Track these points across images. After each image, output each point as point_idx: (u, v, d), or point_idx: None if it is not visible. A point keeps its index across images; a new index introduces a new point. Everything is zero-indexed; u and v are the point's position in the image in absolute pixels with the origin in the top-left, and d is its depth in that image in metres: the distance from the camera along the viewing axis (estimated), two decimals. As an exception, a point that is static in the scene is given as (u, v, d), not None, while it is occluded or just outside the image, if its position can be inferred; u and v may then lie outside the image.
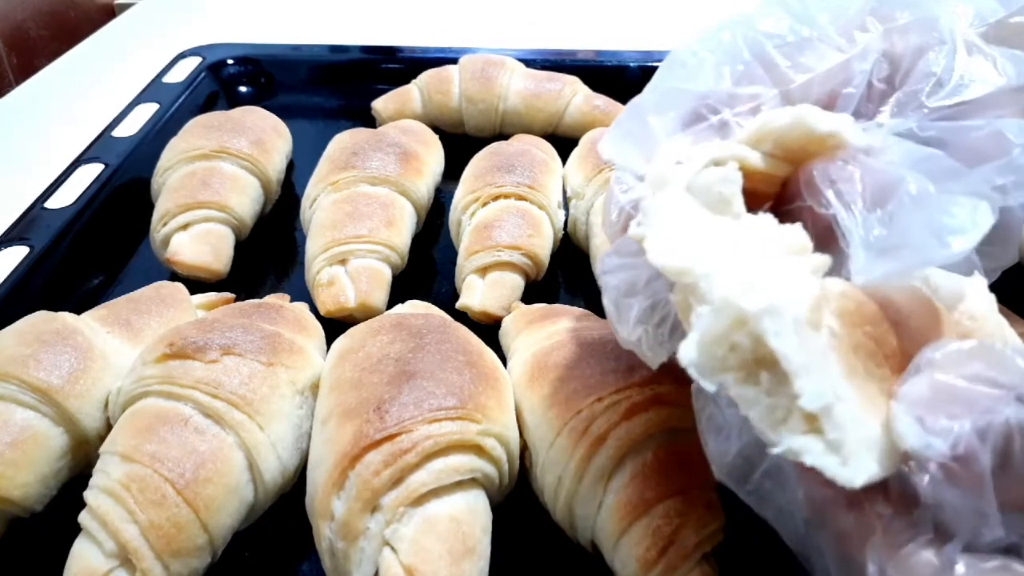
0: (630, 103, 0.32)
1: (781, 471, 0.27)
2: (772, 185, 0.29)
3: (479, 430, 0.38)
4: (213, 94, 0.88)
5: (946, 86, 0.29)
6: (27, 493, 0.40)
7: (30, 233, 0.60)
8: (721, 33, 0.31)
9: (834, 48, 0.30)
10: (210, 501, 0.37)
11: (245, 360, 0.42)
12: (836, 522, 0.24)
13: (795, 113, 0.27)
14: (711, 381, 0.23)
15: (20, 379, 0.41)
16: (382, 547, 0.35)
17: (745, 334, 0.22)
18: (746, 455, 0.27)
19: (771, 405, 0.23)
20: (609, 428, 0.38)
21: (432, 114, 0.80)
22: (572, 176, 0.65)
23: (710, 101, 0.30)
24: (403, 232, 0.60)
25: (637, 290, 0.31)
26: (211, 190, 0.61)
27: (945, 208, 0.24)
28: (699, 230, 0.25)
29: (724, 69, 0.30)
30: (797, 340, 0.22)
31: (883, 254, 0.24)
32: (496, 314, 0.54)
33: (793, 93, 0.30)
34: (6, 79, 1.11)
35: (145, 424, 0.39)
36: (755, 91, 0.30)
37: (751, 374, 0.23)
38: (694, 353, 0.23)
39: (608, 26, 1.12)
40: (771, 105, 0.30)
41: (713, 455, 0.29)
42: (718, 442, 0.28)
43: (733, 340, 0.23)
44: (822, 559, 0.26)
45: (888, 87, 0.30)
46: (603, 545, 0.38)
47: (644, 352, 0.31)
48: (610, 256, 0.32)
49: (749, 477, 0.28)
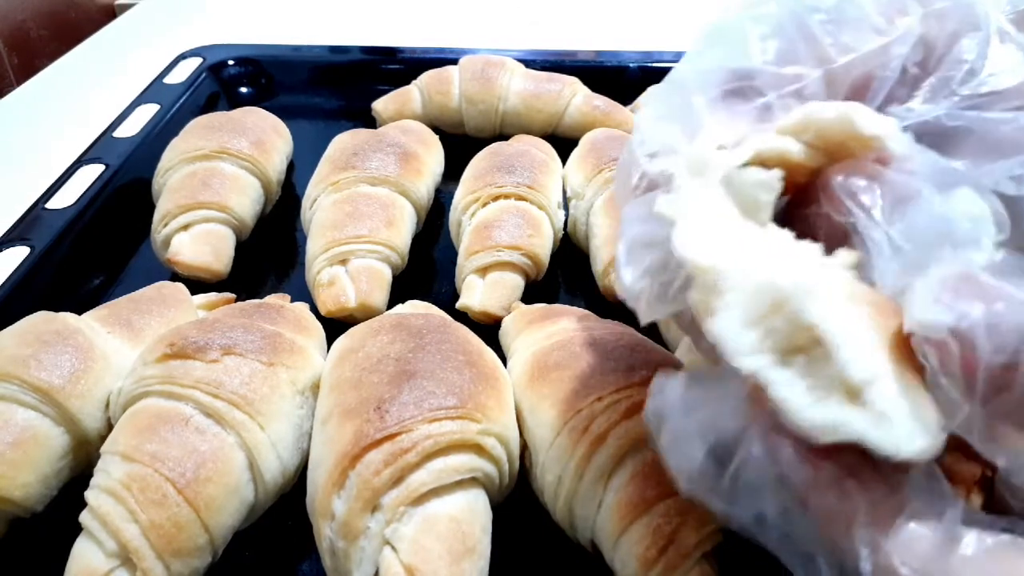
0: (670, 77, 0.31)
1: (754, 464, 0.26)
2: (802, 176, 0.29)
3: (479, 430, 0.38)
4: (214, 95, 0.88)
5: (978, 75, 0.29)
6: (28, 493, 0.40)
7: (31, 233, 0.60)
8: (767, 3, 0.31)
9: (873, 30, 0.30)
10: (211, 501, 0.37)
11: (246, 360, 0.42)
12: (819, 506, 0.24)
13: (842, 110, 0.27)
14: (745, 364, 0.23)
15: (21, 379, 0.41)
16: (382, 546, 0.35)
17: (782, 317, 0.22)
18: (717, 455, 0.27)
19: (809, 386, 0.22)
20: (609, 427, 0.38)
21: (432, 115, 0.80)
22: (572, 176, 0.66)
23: (755, 82, 0.30)
24: (403, 232, 0.60)
25: (655, 243, 0.30)
26: (212, 190, 0.61)
27: (949, 218, 0.24)
28: (728, 231, 0.25)
29: (769, 44, 0.30)
30: (839, 313, 0.22)
31: (909, 266, 0.24)
32: (496, 314, 0.55)
33: (835, 73, 0.30)
34: (6, 79, 1.11)
35: (146, 424, 0.39)
36: (798, 71, 0.29)
37: (785, 358, 0.23)
38: (727, 335, 0.23)
39: (608, 26, 1.12)
40: (814, 87, 0.29)
41: (678, 469, 0.28)
42: (681, 454, 0.28)
43: (769, 324, 0.23)
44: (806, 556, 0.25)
45: (921, 72, 0.30)
46: (603, 544, 0.38)
47: (641, 305, 0.30)
48: (635, 206, 0.31)
49: (720, 479, 0.27)
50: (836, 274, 0.23)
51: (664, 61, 0.90)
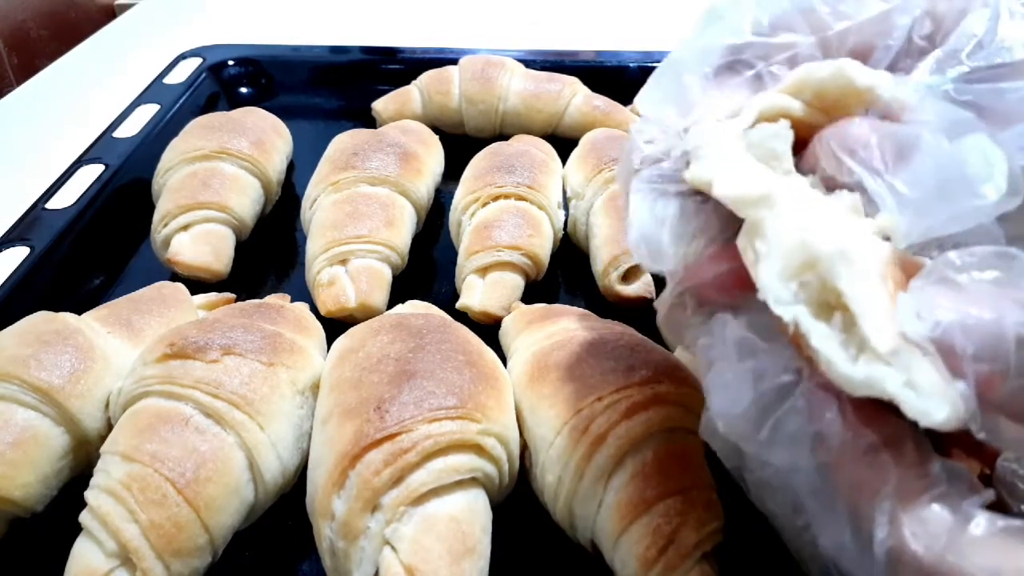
0: (666, 59, 0.32)
1: (796, 417, 0.26)
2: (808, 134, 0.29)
3: (479, 429, 0.38)
4: (214, 95, 0.88)
5: (987, 48, 0.29)
6: (28, 493, 0.40)
7: (31, 234, 0.60)
8: None
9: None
10: (211, 501, 0.37)
11: (246, 360, 0.42)
12: (851, 470, 0.24)
13: (836, 65, 0.27)
14: (785, 312, 0.24)
15: (21, 379, 0.41)
16: (382, 546, 0.35)
17: (814, 275, 0.23)
18: (762, 404, 0.27)
19: (845, 341, 0.23)
20: (609, 427, 0.38)
21: (432, 115, 0.80)
22: (572, 176, 0.66)
23: (745, 55, 0.30)
24: (403, 232, 0.60)
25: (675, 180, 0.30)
26: (212, 191, 0.61)
27: (961, 159, 0.24)
28: (763, 175, 0.26)
29: (762, 16, 0.30)
30: (865, 285, 0.23)
31: (919, 214, 0.24)
32: (496, 314, 0.55)
33: (830, 41, 0.30)
34: (6, 79, 1.11)
35: (146, 424, 0.39)
36: (791, 39, 0.30)
37: (823, 310, 0.24)
38: (768, 284, 0.24)
39: (608, 26, 1.12)
40: (807, 55, 0.30)
41: (720, 410, 0.28)
42: (727, 397, 0.28)
43: (803, 278, 0.24)
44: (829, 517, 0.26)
45: (928, 45, 0.30)
46: (603, 544, 0.38)
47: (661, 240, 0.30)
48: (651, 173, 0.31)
49: (760, 426, 0.27)
50: (873, 241, 0.24)
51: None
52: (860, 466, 0.24)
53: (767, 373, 0.27)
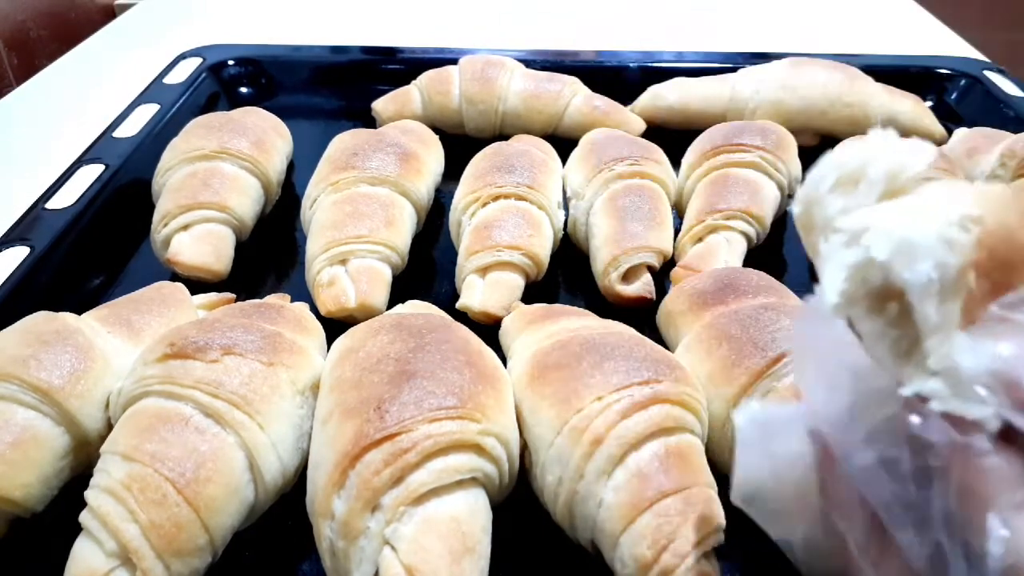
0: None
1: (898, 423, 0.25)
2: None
3: (479, 429, 0.38)
4: (214, 95, 0.88)
5: None
6: (28, 493, 0.40)
7: (31, 234, 0.60)
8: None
9: None
10: (211, 501, 0.37)
11: (246, 360, 0.42)
12: (960, 478, 0.23)
13: None
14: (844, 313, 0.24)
15: (21, 379, 0.41)
16: (382, 546, 0.35)
17: (879, 270, 0.23)
18: (861, 405, 0.27)
19: (896, 337, 0.23)
20: (609, 427, 0.38)
21: (432, 115, 0.80)
22: (572, 176, 0.66)
23: None
24: (403, 232, 0.60)
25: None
26: (211, 191, 0.61)
27: None
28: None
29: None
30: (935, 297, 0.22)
31: None
32: (496, 314, 0.55)
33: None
34: (6, 79, 1.11)
35: (146, 424, 0.39)
36: None
37: (877, 304, 0.24)
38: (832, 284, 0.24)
39: (608, 26, 1.12)
40: None
41: (815, 405, 0.28)
42: (826, 396, 0.28)
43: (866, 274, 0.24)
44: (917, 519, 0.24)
45: None
46: (603, 544, 0.38)
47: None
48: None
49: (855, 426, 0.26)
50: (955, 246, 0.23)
51: (664, 61, 0.90)
52: (970, 473, 0.23)
53: (867, 374, 0.26)
